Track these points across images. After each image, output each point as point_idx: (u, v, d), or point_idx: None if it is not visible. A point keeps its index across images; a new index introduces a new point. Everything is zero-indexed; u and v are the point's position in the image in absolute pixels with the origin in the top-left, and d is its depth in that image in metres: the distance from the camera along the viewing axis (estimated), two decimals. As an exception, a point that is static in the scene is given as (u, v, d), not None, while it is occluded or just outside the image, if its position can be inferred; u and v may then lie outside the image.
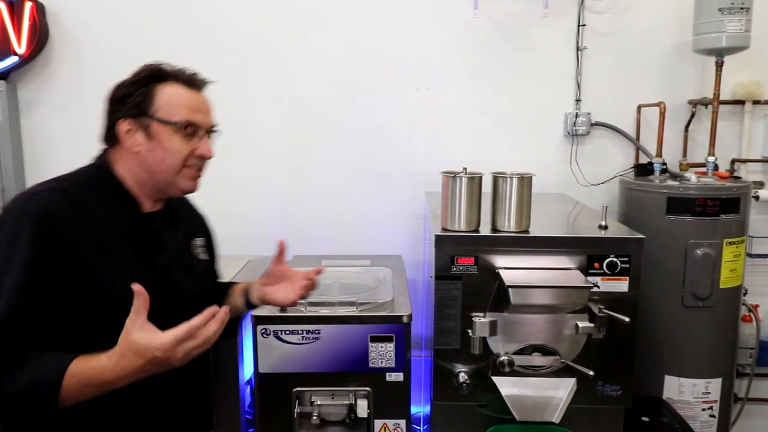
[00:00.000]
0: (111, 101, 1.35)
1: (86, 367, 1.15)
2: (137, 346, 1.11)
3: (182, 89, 1.37)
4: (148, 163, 1.34)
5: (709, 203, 2.42)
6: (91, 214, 1.28)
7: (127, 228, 1.33)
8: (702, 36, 2.60)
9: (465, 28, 2.93)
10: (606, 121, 2.96)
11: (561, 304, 1.96)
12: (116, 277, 1.26)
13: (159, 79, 1.35)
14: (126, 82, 1.35)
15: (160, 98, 1.33)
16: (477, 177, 2.07)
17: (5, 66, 2.88)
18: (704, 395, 2.53)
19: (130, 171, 1.35)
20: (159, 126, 1.32)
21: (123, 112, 1.31)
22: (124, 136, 1.32)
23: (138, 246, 1.33)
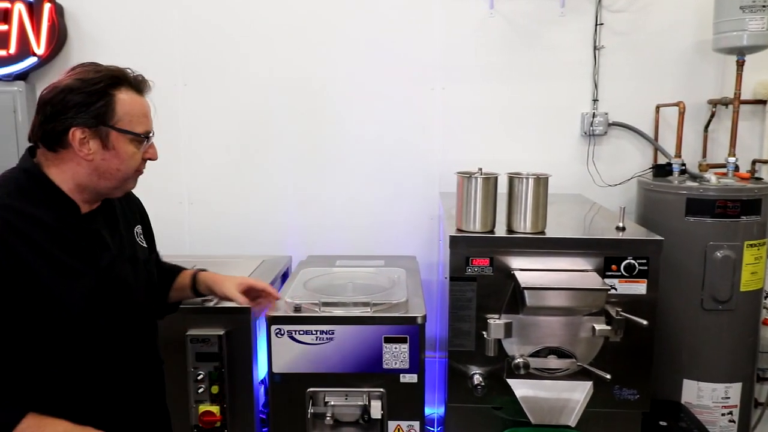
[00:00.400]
0: (59, 105, 1.26)
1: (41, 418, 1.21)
2: None
3: (136, 96, 1.34)
4: (102, 170, 1.31)
5: (730, 205, 2.38)
6: (27, 223, 1.24)
7: (66, 232, 1.30)
8: (722, 35, 2.56)
9: (480, 27, 2.91)
10: (624, 121, 2.93)
11: (577, 307, 1.94)
12: (61, 284, 1.25)
13: (114, 86, 1.30)
14: (77, 88, 1.27)
15: (121, 107, 1.30)
16: (492, 177, 2.06)
17: (25, 66, 2.92)
18: (724, 400, 2.49)
19: (73, 176, 1.31)
20: (118, 136, 1.30)
21: (79, 120, 1.26)
22: (77, 144, 1.27)
23: (80, 248, 1.31)
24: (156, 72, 2.49)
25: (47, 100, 1.27)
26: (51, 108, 1.26)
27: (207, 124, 2.99)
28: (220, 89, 2.95)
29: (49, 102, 1.27)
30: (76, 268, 1.29)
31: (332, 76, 2.97)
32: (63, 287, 1.25)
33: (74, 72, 1.30)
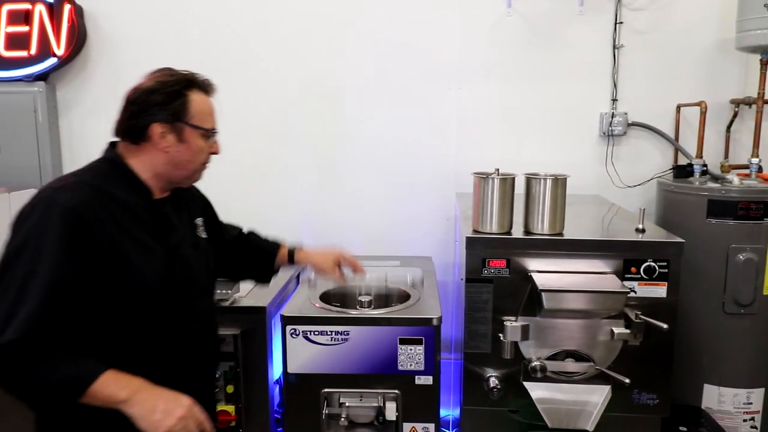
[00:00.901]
0: (142, 104, 1.44)
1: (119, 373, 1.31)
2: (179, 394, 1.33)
3: (205, 97, 1.52)
4: (176, 161, 1.48)
5: (753, 206, 2.33)
6: (113, 202, 1.40)
7: (142, 213, 1.45)
8: (746, 33, 2.51)
9: (497, 26, 2.89)
10: (643, 121, 2.88)
11: (596, 310, 1.91)
12: (140, 257, 1.41)
13: (188, 88, 1.48)
14: (158, 90, 1.44)
15: (194, 106, 1.47)
16: (509, 178, 2.04)
17: (45, 67, 2.96)
18: (745, 405, 2.44)
19: (151, 165, 1.47)
20: (192, 131, 1.47)
21: (160, 116, 1.43)
22: (157, 137, 1.44)
23: (152, 228, 1.47)
24: (173, 72, 2.48)
25: (132, 100, 1.46)
26: (136, 107, 1.44)
27: (223, 125, 2.98)
28: (236, 89, 2.96)
29: (134, 102, 1.45)
30: (150, 246, 1.44)
31: (348, 76, 2.96)
32: (141, 260, 1.41)
33: (153, 76, 1.48)
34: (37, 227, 1.29)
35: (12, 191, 2.82)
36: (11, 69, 2.95)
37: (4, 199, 2.76)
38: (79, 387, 1.26)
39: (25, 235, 1.30)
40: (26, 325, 1.23)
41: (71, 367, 1.28)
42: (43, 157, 3.00)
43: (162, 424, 1.27)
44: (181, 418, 1.28)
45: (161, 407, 1.28)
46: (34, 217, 1.31)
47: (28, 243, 1.29)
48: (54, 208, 1.31)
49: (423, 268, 2.56)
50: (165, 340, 1.46)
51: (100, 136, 3.28)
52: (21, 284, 1.26)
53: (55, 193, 1.34)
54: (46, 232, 1.29)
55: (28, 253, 1.28)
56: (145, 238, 1.44)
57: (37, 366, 1.25)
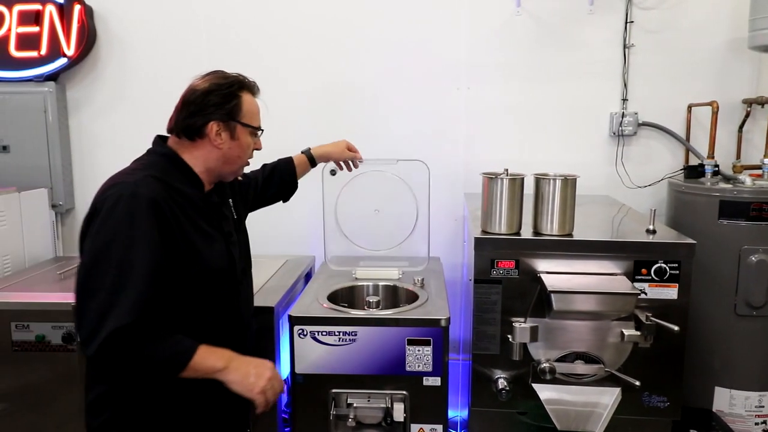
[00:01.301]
0: (200, 104, 1.55)
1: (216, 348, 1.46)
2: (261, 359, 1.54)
3: (253, 98, 1.65)
4: (227, 157, 1.60)
5: (765, 207, 2.31)
6: (177, 194, 1.51)
7: (199, 203, 1.58)
8: (758, 32, 2.48)
9: (507, 26, 2.87)
10: (654, 121, 2.86)
11: (606, 311, 1.90)
12: (203, 244, 1.54)
13: (240, 89, 1.60)
14: (214, 91, 1.56)
15: (245, 106, 1.60)
16: (518, 178, 2.02)
17: (55, 67, 2.97)
18: (757, 408, 2.41)
19: (204, 161, 1.59)
20: (243, 129, 1.61)
21: (216, 115, 1.55)
22: (213, 134, 1.56)
23: (209, 217, 1.60)
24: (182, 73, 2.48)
25: (191, 101, 1.56)
26: (194, 107, 1.55)
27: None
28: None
29: (193, 102, 1.55)
30: (210, 233, 1.57)
31: (356, 78, 2.96)
32: (204, 246, 1.53)
33: (208, 78, 1.59)
34: (125, 218, 1.38)
35: (22, 191, 2.84)
36: (22, 69, 2.97)
37: (14, 198, 2.78)
38: (182, 362, 1.39)
39: (114, 228, 1.38)
40: (133, 311, 1.33)
41: (172, 346, 1.40)
42: (53, 157, 3.02)
43: (256, 385, 1.47)
44: (269, 379, 1.49)
45: (253, 372, 1.48)
46: (121, 209, 1.39)
47: (118, 234, 1.37)
48: (139, 199, 1.40)
49: (431, 269, 2.55)
50: (221, 317, 1.60)
51: (109, 136, 3.34)
52: (118, 273, 1.35)
53: (135, 186, 1.42)
54: (135, 222, 1.38)
55: (121, 243, 1.37)
56: (205, 226, 1.56)
57: (145, 347, 1.37)
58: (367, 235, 2.91)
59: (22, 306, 2.24)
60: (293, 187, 2.20)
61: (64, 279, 2.51)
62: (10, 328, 2.22)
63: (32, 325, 2.22)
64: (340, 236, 2.87)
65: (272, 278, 2.46)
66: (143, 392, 1.51)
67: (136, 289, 1.35)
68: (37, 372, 2.24)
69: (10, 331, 2.22)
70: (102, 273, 1.36)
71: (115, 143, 3.10)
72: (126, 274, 1.35)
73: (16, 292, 2.35)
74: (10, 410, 2.27)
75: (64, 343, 2.22)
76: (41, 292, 2.35)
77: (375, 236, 2.92)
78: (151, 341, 1.38)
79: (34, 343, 2.23)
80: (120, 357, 1.35)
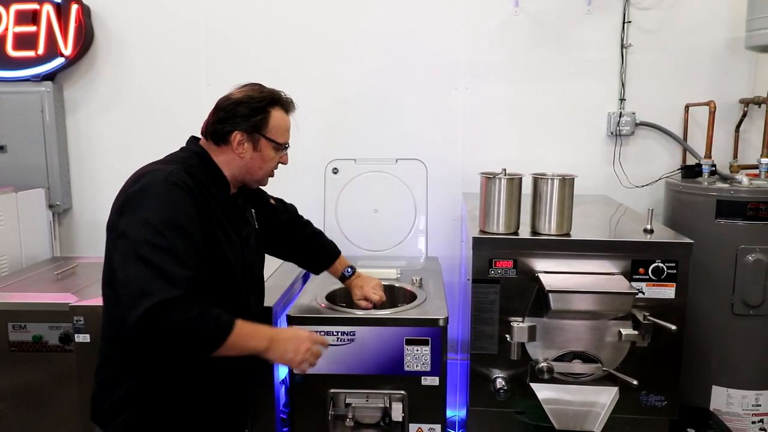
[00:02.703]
0: (229, 113, 1.61)
1: (252, 323, 1.52)
2: (296, 329, 1.67)
3: (284, 114, 1.70)
4: (248, 167, 1.66)
5: (762, 207, 2.31)
6: (205, 191, 1.56)
7: (224, 204, 1.63)
8: (755, 32, 2.49)
9: (505, 26, 2.88)
10: (651, 121, 2.87)
11: (603, 311, 1.90)
12: (226, 241, 1.59)
13: (272, 105, 1.66)
14: (245, 103, 1.61)
15: (273, 122, 1.65)
16: (516, 178, 2.03)
17: (52, 67, 2.97)
18: (754, 407, 2.42)
19: (228, 166, 1.65)
20: (266, 143, 1.66)
21: (242, 126, 1.61)
22: (236, 144, 1.62)
23: (231, 218, 1.65)
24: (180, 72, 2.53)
25: (222, 108, 1.62)
26: (224, 113, 1.61)
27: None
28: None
29: (224, 109, 1.62)
30: (230, 234, 1.62)
31: (354, 77, 2.96)
32: (226, 243, 1.58)
33: (244, 89, 1.66)
34: (161, 199, 1.43)
35: (19, 191, 2.83)
36: (19, 69, 2.96)
37: (11, 198, 2.77)
38: (223, 335, 1.41)
39: (150, 207, 1.42)
40: (181, 283, 1.36)
41: (216, 318, 1.41)
42: (50, 157, 3.01)
43: (296, 359, 1.55)
44: (307, 350, 1.57)
45: (291, 347, 1.55)
46: (157, 191, 1.44)
47: (155, 213, 1.41)
48: (172, 185, 1.46)
49: (429, 269, 2.54)
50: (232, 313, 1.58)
51: (107, 136, 3.33)
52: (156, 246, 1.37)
53: (167, 174, 1.48)
54: (171, 203, 1.44)
55: (159, 222, 1.40)
56: (227, 227, 1.61)
57: (190, 318, 1.36)
58: (366, 234, 2.92)
59: (19, 306, 2.23)
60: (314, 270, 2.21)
61: (62, 279, 2.50)
62: (7, 328, 2.22)
63: (29, 326, 2.22)
64: (339, 236, 2.88)
65: (270, 278, 2.46)
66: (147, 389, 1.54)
67: (169, 264, 1.36)
68: (34, 372, 2.24)
69: (7, 331, 2.22)
70: (139, 250, 1.37)
71: (113, 143, 3.10)
72: (161, 250, 1.37)
73: (13, 292, 2.35)
74: (7, 411, 2.26)
75: (61, 343, 2.22)
76: (38, 292, 2.34)
77: (373, 236, 2.93)
78: (195, 313, 1.37)
79: (31, 344, 2.23)
80: (162, 328, 1.35)
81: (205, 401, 1.64)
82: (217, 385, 1.66)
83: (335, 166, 2.86)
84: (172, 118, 2.97)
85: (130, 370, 1.54)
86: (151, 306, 1.32)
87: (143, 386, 1.54)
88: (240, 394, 1.77)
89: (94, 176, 3.15)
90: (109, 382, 1.56)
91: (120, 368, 1.55)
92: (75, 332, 2.13)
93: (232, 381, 1.70)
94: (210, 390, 1.64)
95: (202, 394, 1.62)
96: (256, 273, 1.80)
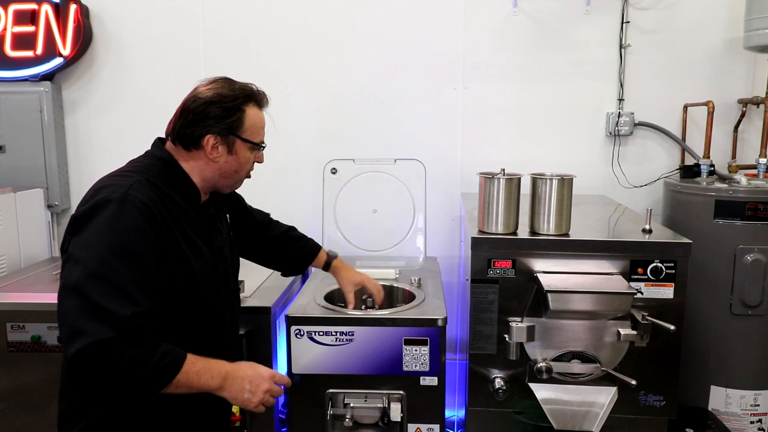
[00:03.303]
0: (199, 115, 1.47)
1: (205, 359, 1.40)
2: (256, 365, 1.49)
3: (258, 111, 1.57)
4: (222, 171, 1.54)
5: (761, 207, 2.32)
6: (170, 202, 1.45)
7: (193, 215, 1.52)
8: (754, 32, 2.49)
9: (503, 26, 2.88)
10: (650, 121, 2.87)
11: (602, 311, 1.90)
12: (194, 257, 1.48)
13: (245, 102, 1.52)
14: (216, 102, 1.48)
15: (248, 121, 1.52)
16: (515, 178, 2.03)
17: (51, 67, 2.96)
18: (753, 407, 2.42)
19: (199, 171, 1.53)
20: (242, 144, 1.53)
21: (215, 128, 1.48)
22: (209, 148, 1.49)
23: (201, 229, 1.54)
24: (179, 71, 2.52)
25: (191, 109, 1.48)
26: (193, 116, 1.48)
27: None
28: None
29: (192, 111, 1.48)
30: (199, 246, 1.51)
31: (353, 77, 2.96)
32: (194, 257, 1.48)
33: (213, 86, 1.51)
34: (112, 221, 1.31)
35: (18, 191, 2.83)
36: (17, 69, 2.96)
37: (9, 198, 2.77)
38: (168, 375, 1.32)
39: (100, 229, 1.31)
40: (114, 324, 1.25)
41: (159, 358, 1.30)
42: (49, 157, 3.01)
43: (252, 400, 1.45)
44: (266, 391, 1.47)
45: (248, 387, 1.45)
46: (109, 213, 1.32)
47: (104, 237, 1.30)
48: (128, 204, 1.34)
49: (428, 269, 2.54)
50: (205, 332, 1.54)
51: (105, 136, 3.33)
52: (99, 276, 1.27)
53: (125, 190, 1.36)
54: (122, 226, 1.32)
55: (107, 246, 1.29)
56: (196, 239, 1.50)
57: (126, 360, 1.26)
58: (365, 234, 2.92)
59: (18, 306, 2.23)
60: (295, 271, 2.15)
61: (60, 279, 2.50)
62: (5, 328, 2.21)
63: (28, 326, 2.21)
64: (338, 236, 2.87)
65: (269, 278, 2.46)
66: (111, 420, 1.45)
67: (110, 297, 1.26)
68: (32, 373, 2.23)
69: (5, 331, 2.21)
70: (82, 278, 1.27)
71: (112, 143, 3.09)
72: (104, 280, 1.27)
73: (12, 292, 2.34)
74: (5, 411, 2.26)
75: (60, 343, 2.21)
76: (37, 292, 2.34)
77: (372, 236, 2.93)
78: (133, 353, 1.26)
79: (29, 344, 2.22)
80: (97, 370, 1.25)
81: (185, 414, 1.54)
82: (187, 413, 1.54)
83: (334, 166, 2.86)
84: (171, 118, 2.96)
85: (91, 401, 1.45)
86: (82, 348, 1.22)
87: (107, 417, 1.44)
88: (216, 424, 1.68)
89: (92, 176, 3.06)
90: (71, 410, 1.47)
91: (81, 398, 1.46)
92: (73, 332, 2.13)
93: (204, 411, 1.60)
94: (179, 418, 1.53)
95: (171, 423, 1.52)
96: (231, 285, 1.69)
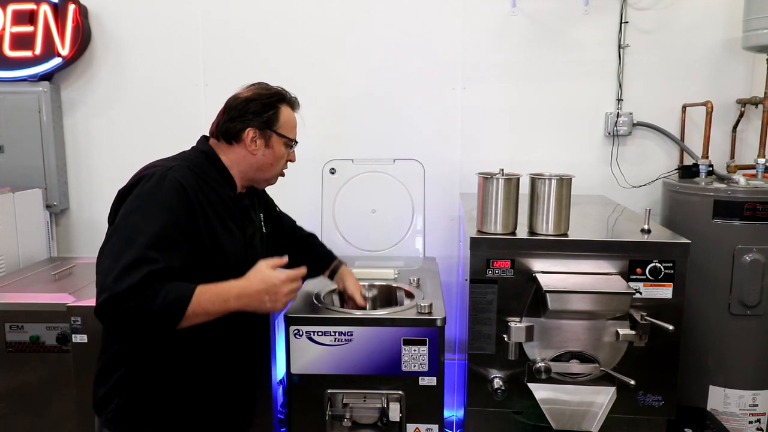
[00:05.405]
0: (241, 110, 1.65)
1: (215, 285, 1.47)
2: (264, 274, 1.54)
3: (291, 111, 1.75)
4: (260, 163, 1.69)
5: (759, 207, 2.32)
6: (208, 188, 1.59)
7: (228, 202, 1.65)
8: (752, 32, 2.50)
9: (502, 26, 2.88)
10: (649, 121, 2.87)
11: (601, 311, 1.90)
12: (225, 237, 1.59)
13: (280, 101, 1.70)
14: (255, 98, 1.66)
15: (282, 118, 1.70)
16: (514, 178, 2.03)
17: (49, 67, 2.96)
18: (751, 407, 2.43)
19: (238, 164, 1.68)
20: (278, 139, 1.70)
21: (254, 122, 1.65)
22: (249, 140, 1.65)
23: (236, 216, 1.67)
24: (178, 72, 2.52)
25: (233, 107, 1.66)
26: (235, 112, 1.65)
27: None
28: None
29: (235, 108, 1.66)
30: (233, 230, 1.64)
31: (352, 77, 2.96)
32: (226, 240, 1.59)
33: (251, 88, 1.71)
34: (149, 194, 1.47)
35: (16, 191, 2.83)
36: (16, 69, 2.96)
37: (8, 198, 2.77)
38: (179, 309, 1.40)
39: (136, 201, 1.46)
40: (124, 278, 1.35)
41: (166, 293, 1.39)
42: (48, 157, 3.01)
43: (276, 307, 1.55)
44: (286, 294, 1.55)
45: (267, 298, 1.53)
46: (148, 186, 1.48)
47: (138, 206, 1.45)
48: (165, 180, 1.49)
49: (427, 269, 2.54)
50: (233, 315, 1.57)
51: (104, 136, 3.32)
52: (125, 242, 1.40)
53: (166, 170, 1.51)
54: (157, 197, 1.46)
55: (138, 215, 1.44)
56: (229, 222, 1.63)
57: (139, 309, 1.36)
58: (364, 234, 2.92)
59: (17, 306, 2.23)
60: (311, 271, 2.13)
61: (59, 279, 2.50)
62: (4, 328, 2.21)
63: (26, 326, 2.21)
64: (336, 236, 2.88)
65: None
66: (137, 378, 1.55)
67: (132, 256, 1.37)
68: (31, 373, 2.23)
69: (4, 331, 2.21)
70: (114, 241, 1.42)
71: (110, 143, 3.09)
72: (131, 242, 1.39)
73: (11, 292, 2.34)
74: (4, 411, 2.26)
75: (59, 343, 2.21)
76: (36, 292, 2.34)
77: (371, 236, 2.93)
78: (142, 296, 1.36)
79: (28, 344, 2.22)
80: (113, 319, 1.38)
81: (200, 395, 1.63)
82: (215, 380, 1.65)
83: (333, 166, 2.86)
84: (170, 118, 2.97)
85: (121, 359, 1.56)
86: (100, 303, 1.36)
87: (133, 375, 1.55)
88: (239, 396, 1.75)
89: (91, 176, 3.14)
90: (104, 370, 1.59)
91: (113, 356, 1.58)
92: (72, 332, 2.13)
93: (231, 378, 1.70)
94: (207, 383, 1.63)
95: (196, 388, 1.61)
96: None
